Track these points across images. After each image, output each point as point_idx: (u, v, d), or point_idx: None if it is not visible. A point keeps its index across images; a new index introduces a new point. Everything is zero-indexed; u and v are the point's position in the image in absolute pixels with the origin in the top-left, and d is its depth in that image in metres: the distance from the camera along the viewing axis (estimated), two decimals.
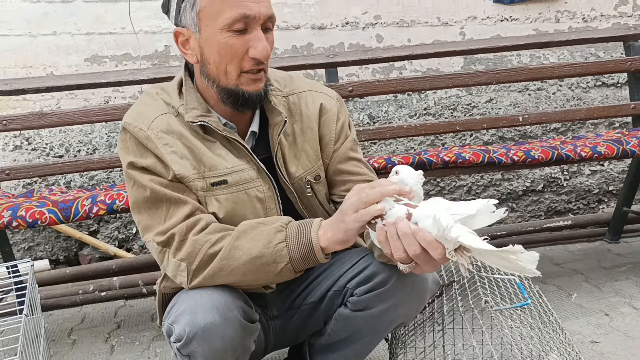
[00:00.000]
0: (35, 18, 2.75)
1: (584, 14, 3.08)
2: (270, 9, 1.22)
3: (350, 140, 1.42)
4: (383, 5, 2.95)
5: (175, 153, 1.25)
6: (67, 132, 2.80)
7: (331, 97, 1.42)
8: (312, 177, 1.37)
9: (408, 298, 1.30)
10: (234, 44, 1.21)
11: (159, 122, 1.27)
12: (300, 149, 1.36)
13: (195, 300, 1.20)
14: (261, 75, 1.26)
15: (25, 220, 1.89)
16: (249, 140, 1.34)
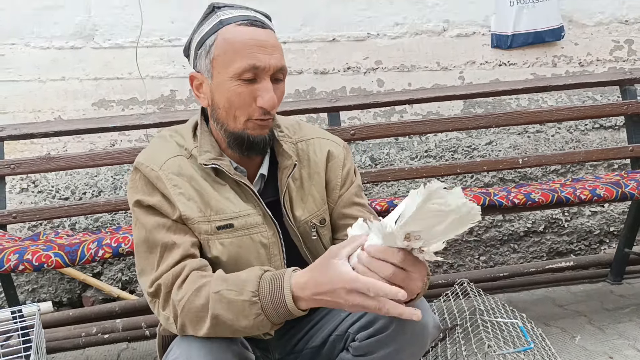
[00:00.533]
0: (45, 64, 2.83)
1: (580, 58, 3.15)
2: (280, 62, 1.27)
3: (355, 186, 1.45)
4: (384, 50, 3.03)
5: (183, 195, 1.28)
6: (73, 174, 2.84)
7: (338, 144, 1.46)
8: (317, 220, 1.39)
9: (409, 343, 1.29)
10: (242, 92, 1.25)
11: (171, 164, 1.31)
12: (307, 193, 1.39)
13: (191, 345, 1.20)
14: (267, 122, 1.30)
15: (32, 263, 1.91)
16: (257, 183, 1.37)
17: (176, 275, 1.23)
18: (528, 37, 3.07)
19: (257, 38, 1.25)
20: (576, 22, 3.14)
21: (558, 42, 3.11)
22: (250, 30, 1.26)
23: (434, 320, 1.32)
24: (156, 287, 1.24)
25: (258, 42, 1.24)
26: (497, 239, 3.08)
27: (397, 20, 3.03)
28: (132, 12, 2.84)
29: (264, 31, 1.27)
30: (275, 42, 1.27)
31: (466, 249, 3.07)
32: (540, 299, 2.75)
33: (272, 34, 1.29)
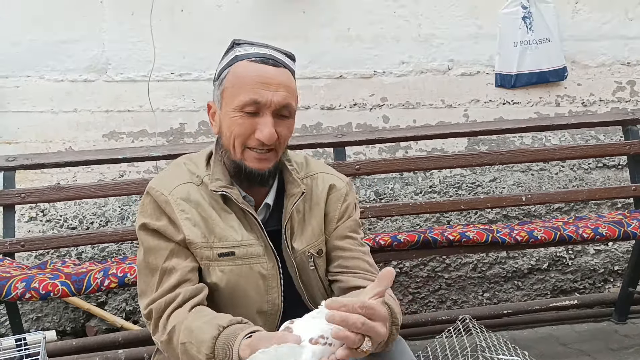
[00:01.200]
0: (58, 96, 2.90)
1: (583, 98, 3.20)
2: (285, 100, 1.31)
3: (352, 220, 1.48)
4: (389, 88, 3.09)
5: (189, 220, 1.33)
6: (81, 204, 2.88)
7: (342, 180, 1.51)
8: (315, 251, 1.43)
9: None
10: (242, 123, 1.32)
11: (180, 190, 1.36)
12: (307, 224, 1.43)
13: None
14: (268, 156, 1.34)
15: (38, 292, 1.93)
16: (262, 212, 1.41)
17: (168, 302, 1.28)
18: (531, 77, 3.12)
19: (264, 75, 1.30)
20: (579, 63, 3.19)
21: (561, 82, 3.17)
22: (259, 67, 1.31)
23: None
24: (149, 312, 1.31)
25: (263, 79, 1.30)
26: (501, 275, 3.08)
27: (403, 59, 3.10)
28: (144, 47, 2.92)
29: (274, 69, 1.32)
30: (283, 80, 1.32)
31: (470, 285, 3.07)
32: (544, 337, 2.74)
33: (284, 72, 1.33)
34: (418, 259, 2.95)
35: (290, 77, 1.35)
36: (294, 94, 1.35)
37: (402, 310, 2.91)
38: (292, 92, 1.34)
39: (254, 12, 2.99)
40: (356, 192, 2.98)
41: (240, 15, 2.98)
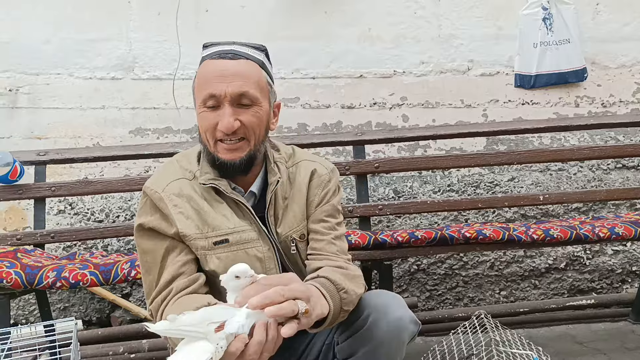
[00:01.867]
0: (87, 93, 2.99)
1: (603, 99, 3.21)
2: (240, 88, 1.37)
3: (329, 204, 1.54)
4: (409, 87, 3.13)
5: (182, 214, 1.42)
6: (108, 198, 2.97)
7: (325, 167, 1.57)
8: (297, 235, 1.50)
9: (386, 338, 1.34)
10: (207, 117, 1.40)
11: (172, 186, 1.45)
12: (289, 210, 1.50)
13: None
14: (238, 146, 1.41)
15: (68, 281, 2.01)
16: (249, 200, 1.48)
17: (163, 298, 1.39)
18: (551, 77, 3.14)
19: (220, 68, 1.38)
20: (599, 64, 3.20)
21: (581, 83, 3.18)
22: (217, 62, 1.39)
23: (409, 315, 1.37)
24: (151, 313, 1.42)
25: (218, 72, 1.37)
26: (518, 274, 3.10)
27: (423, 59, 3.14)
28: (170, 46, 3.00)
29: (231, 62, 1.38)
30: (239, 70, 1.38)
31: (487, 283, 3.10)
32: (560, 335, 2.76)
33: (243, 63, 1.39)
34: (435, 255, 2.99)
35: (250, 67, 1.40)
36: (254, 82, 1.39)
37: (419, 306, 2.97)
38: (251, 80, 1.39)
39: (276, 13, 3.06)
40: (374, 189, 3.03)
41: (263, 15, 3.05)
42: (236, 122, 1.37)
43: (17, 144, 2.91)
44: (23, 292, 2.14)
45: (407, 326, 1.36)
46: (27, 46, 2.97)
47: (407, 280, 3.05)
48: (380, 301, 1.40)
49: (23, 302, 2.92)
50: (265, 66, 1.45)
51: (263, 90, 1.42)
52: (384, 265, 2.25)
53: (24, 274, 1.99)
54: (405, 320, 1.36)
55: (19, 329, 1.89)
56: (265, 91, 1.43)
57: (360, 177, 2.61)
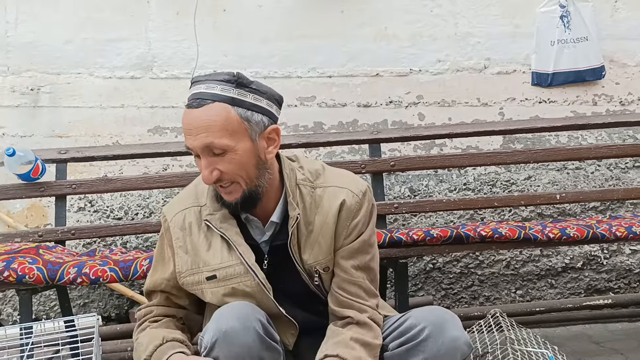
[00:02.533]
0: (107, 92, 3.04)
1: (621, 97, 3.18)
2: (204, 141, 1.35)
3: (360, 242, 1.49)
4: (425, 86, 3.13)
5: (182, 248, 1.49)
6: (127, 196, 3.02)
7: (355, 194, 1.49)
8: (321, 268, 1.48)
9: (439, 353, 1.35)
10: (197, 164, 1.42)
11: (178, 218, 1.51)
12: (315, 240, 1.48)
13: (221, 312, 1.37)
14: (230, 189, 1.41)
15: (89, 277, 2.05)
16: (270, 228, 1.48)
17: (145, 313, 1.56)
18: (568, 75, 3.12)
19: (186, 122, 1.37)
20: (617, 62, 3.17)
21: (599, 81, 3.15)
22: (186, 113, 1.38)
23: (465, 337, 1.38)
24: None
25: (186, 126, 1.37)
26: (534, 273, 3.09)
27: (439, 57, 3.14)
28: (188, 45, 3.04)
29: (196, 112, 1.35)
30: (202, 121, 1.34)
31: (503, 282, 3.10)
32: (576, 335, 2.75)
33: (207, 111, 1.34)
34: (451, 254, 2.99)
35: (215, 112, 1.35)
36: (218, 129, 1.34)
37: (434, 305, 2.97)
38: (216, 128, 1.34)
39: (293, 12, 3.08)
40: (390, 188, 3.04)
41: (280, 14, 3.07)
42: (214, 172, 1.37)
43: (38, 143, 2.97)
44: (44, 287, 2.18)
45: (462, 347, 1.37)
46: (48, 46, 3.03)
47: (422, 278, 3.05)
48: (439, 317, 1.41)
49: (44, 298, 2.98)
50: (237, 101, 1.37)
51: (235, 133, 1.36)
52: (399, 263, 2.26)
53: (46, 270, 2.04)
54: (461, 341, 1.37)
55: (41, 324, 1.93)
56: (238, 132, 1.36)
57: (376, 176, 2.61)
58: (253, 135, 1.39)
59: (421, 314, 1.43)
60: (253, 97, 1.40)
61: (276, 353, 1.39)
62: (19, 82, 3.03)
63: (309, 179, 1.50)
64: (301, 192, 1.48)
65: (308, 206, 1.47)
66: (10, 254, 2.10)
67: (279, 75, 3.06)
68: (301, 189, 1.48)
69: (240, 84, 1.38)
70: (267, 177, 1.44)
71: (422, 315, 1.42)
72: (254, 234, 1.50)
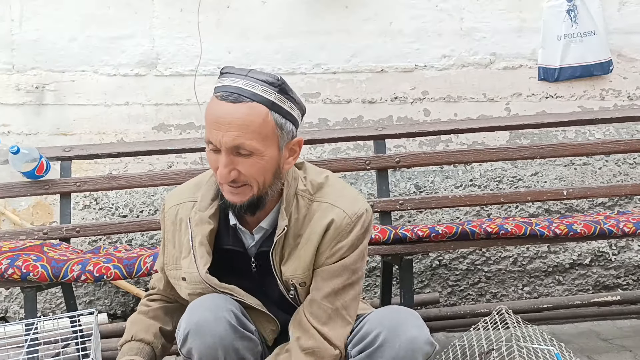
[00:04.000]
0: (111, 90, 3.04)
1: (629, 92, 3.15)
2: (234, 140, 1.28)
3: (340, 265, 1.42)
4: (431, 81, 3.11)
5: (170, 241, 1.52)
6: (132, 193, 3.02)
7: (348, 215, 1.41)
8: (297, 282, 1.44)
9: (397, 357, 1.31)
10: (210, 158, 1.35)
11: (172, 211, 1.52)
12: (297, 254, 1.42)
13: (194, 304, 1.38)
14: (240, 191, 1.34)
15: (93, 274, 2.05)
16: (258, 232, 1.45)
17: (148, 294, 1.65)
18: (575, 70, 3.10)
19: (217, 114, 1.30)
20: (625, 56, 3.14)
21: (606, 75, 3.13)
22: (217, 105, 1.31)
23: (424, 336, 1.32)
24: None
25: (216, 118, 1.29)
26: (541, 270, 3.07)
27: (445, 53, 3.12)
28: (192, 42, 3.03)
29: (231, 106, 1.29)
30: (237, 118, 1.28)
31: (510, 279, 3.07)
32: (584, 332, 2.73)
33: (244, 109, 1.29)
34: (457, 251, 2.97)
35: (253, 112, 1.29)
36: (253, 131, 1.29)
37: (440, 302, 2.96)
38: (250, 129, 1.29)
39: (297, 8, 3.06)
40: (396, 184, 3.03)
41: (284, 10, 3.06)
42: (232, 172, 1.31)
43: (43, 140, 2.97)
44: (49, 285, 2.19)
45: (422, 347, 1.32)
46: (53, 44, 3.03)
47: (428, 275, 3.04)
48: (393, 319, 1.36)
49: (50, 295, 2.98)
50: (276, 106, 1.32)
51: (267, 138, 1.31)
52: (404, 260, 2.25)
53: (50, 267, 2.04)
54: (420, 340, 1.31)
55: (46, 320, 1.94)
56: (270, 138, 1.32)
57: (381, 172, 2.60)
58: (281, 144, 1.35)
59: (376, 318, 1.39)
60: (290, 105, 1.35)
61: (252, 343, 1.38)
62: (23, 80, 3.03)
63: (309, 190, 1.45)
64: (298, 202, 1.43)
65: (301, 218, 1.42)
66: (14, 252, 2.11)
67: (283, 71, 3.05)
68: (299, 199, 1.43)
69: (283, 89, 1.33)
70: (278, 187, 1.40)
71: (377, 320, 1.38)
72: (244, 237, 1.47)
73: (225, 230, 1.47)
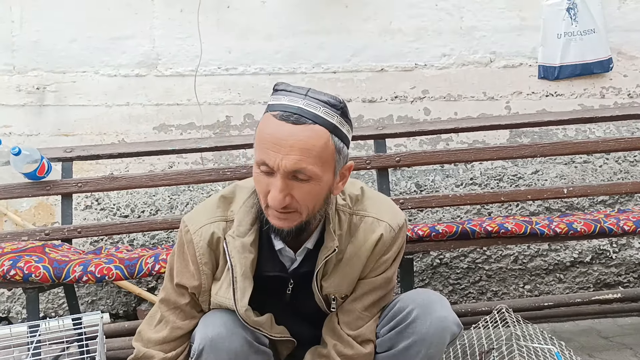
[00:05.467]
0: (112, 90, 3.05)
1: (630, 90, 3.15)
2: (295, 165, 1.22)
3: (383, 277, 1.44)
4: (431, 80, 3.11)
5: (207, 265, 1.40)
6: (133, 193, 3.02)
7: (393, 228, 1.42)
8: (340, 296, 1.45)
9: (428, 335, 1.36)
10: (260, 180, 1.28)
11: (205, 231, 1.39)
12: (342, 270, 1.42)
13: (208, 318, 1.37)
14: (288, 217, 1.28)
15: (95, 275, 2.06)
16: (301, 253, 1.42)
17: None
18: (575, 68, 3.09)
19: (277, 135, 1.22)
20: (625, 54, 3.14)
21: (606, 73, 3.12)
22: (276, 124, 1.23)
23: (453, 317, 1.39)
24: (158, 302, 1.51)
25: (275, 139, 1.22)
26: (542, 268, 3.08)
27: (445, 52, 3.12)
28: (192, 43, 3.04)
29: (292, 127, 1.22)
30: (299, 141, 1.21)
31: (510, 277, 3.08)
32: (585, 330, 2.73)
33: (306, 131, 1.22)
34: (457, 249, 2.98)
35: (315, 135, 1.23)
36: (314, 156, 1.23)
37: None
38: (312, 154, 1.22)
39: (297, 7, 3.06)
40: (396, 183, 3.03)
41: (284, 10, 3.06)
42: (287, 197, 1.24)
43: (44, 141, 2.98)
44: (51, 286, 2.19)
45: (451, 327, 1.38)
46: (53, 45, 3.03)
47: (429, 274, 3.04)
48: (426, 299, 1.41)
49: (52, 295, 2.99)
50: (337, 130, 1.26)
51: (326, 163, 1.25)
52: (404, 259, 2.24)
53: (52, 268, 2.04)
54: (449, 320, 1.38)
55: (48, 322, 1.94)
56: (329, 163, 1.26)
57: (381, 171, 2.60)
58: (337, 169, 1.30)
59: (408, 297, 1.44)
60: (347, 128, 1.30)
61: (266, 356, 1.40)
62: (24, 82, 3.04)
63: (348, 204, 1.42)
64: (340, 218, 1.40)
65: (344, 234, 1.40)
66: (16, 253, 2.11)
67: (283, 71, 3.06)
68: (340, 214, 1.40)
69: (344, 112, 1.28)
70: (325, 211, 1.35)
71: (409, 298, 1.43)
72: (284, 259, 1.43)
73: (266, 254, 1.41)
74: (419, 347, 1.38)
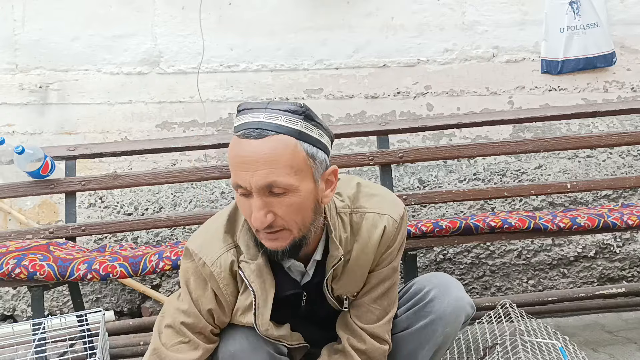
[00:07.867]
0: (114, 88, 3.05)
1: (633, 84, 3.14)
2: (266, 179, 1.18)
3: (389, 268, 1.44)
4: (433, 76, 3.11)
5: (233, 294, 1.37)
6: (136, 191, 3.03)
7: (395, 220, 1.40)
8: (351, 295, 1.46)
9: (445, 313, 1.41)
10: (241, 202, 1.25)
11: (224, 261, 1.34)
12: (350, 270, 1.41)
13: (229, 333, 1.37)
14: (278, 236, 1.25)
15: (99, 273, 2.06)
16: (312, 266, 1.41)
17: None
18: (578, 62, 3.09)
19: (242, 154, 1.19)
20: (628, 48, 3.13)
21: (610, 67, 3.11)
22: (240, 144, 1.21)
23: (468, 299, 1.45)
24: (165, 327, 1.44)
25: (242, 159, 1.19)
26: (546, 263, 3.07)
27: (447, 47, 3.11)
28: (194, 40, 3.04)
29: (256, 143, 1.19)
30: (264, 155, 1.18)
31: (514, 272, 3.08)
32: (589, 324, 2.73)
33: (269, 144, 1.19)
34: (460, 245, 2.98)
35: (280, 145, 1.20)
36: (284, 166, 1.19)
37: None
38: (281, 164, 1.19)
39: (299, 4, 3.06)
40: (399, 179, 3.03)
41: (285, 7, 3.06)
42: (269, 215, 1.21)
43: (48, 140, 2.99)
44: (56, 284, 2.20)
45: (466, 307, 1.44)
46: (56, 43, 3.04)
47: (433, 269, 3.04)
48: (442, 280, 1.48)
49: (57, 293, 3.00)
50: (303, 135, 1.22)
51: (300, 171, 1.22)
52: (408, 254, 2.25)
53: (56, 266, 2.05)
54: (465, 301, 1.44)
55: (53, 319, 1.95)
56: (303, 170, 1.22)
57: (384, 167, 2.60)
58: (316, 176, 1.25)
59: (425, 279, 1.50)
60: (318, 132, 1.26)
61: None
62: (27, 80, 3.05)
63: (348, 205, 1.40)
64: (342, 221, 1.38)
65: (348, 236, 1.38)
66: (21, 251, 2.12)
67: (285, 68, 3.06)
68: (342, 217, 1.38)
69: (308, 116, 1.24)
70: (319, 222, 1.31)
71: (426, 280, 1.49)
72: (294, 275, 1.42)
73: (278, 274, 1.39)
74: (436, 326, 1.42)
